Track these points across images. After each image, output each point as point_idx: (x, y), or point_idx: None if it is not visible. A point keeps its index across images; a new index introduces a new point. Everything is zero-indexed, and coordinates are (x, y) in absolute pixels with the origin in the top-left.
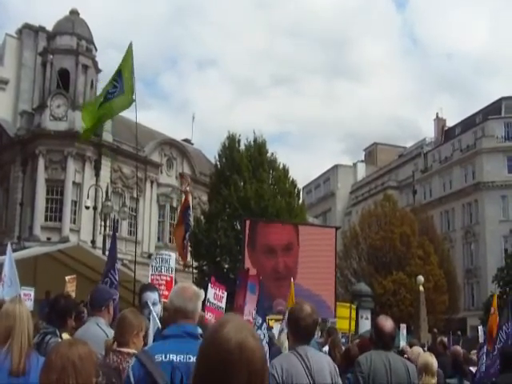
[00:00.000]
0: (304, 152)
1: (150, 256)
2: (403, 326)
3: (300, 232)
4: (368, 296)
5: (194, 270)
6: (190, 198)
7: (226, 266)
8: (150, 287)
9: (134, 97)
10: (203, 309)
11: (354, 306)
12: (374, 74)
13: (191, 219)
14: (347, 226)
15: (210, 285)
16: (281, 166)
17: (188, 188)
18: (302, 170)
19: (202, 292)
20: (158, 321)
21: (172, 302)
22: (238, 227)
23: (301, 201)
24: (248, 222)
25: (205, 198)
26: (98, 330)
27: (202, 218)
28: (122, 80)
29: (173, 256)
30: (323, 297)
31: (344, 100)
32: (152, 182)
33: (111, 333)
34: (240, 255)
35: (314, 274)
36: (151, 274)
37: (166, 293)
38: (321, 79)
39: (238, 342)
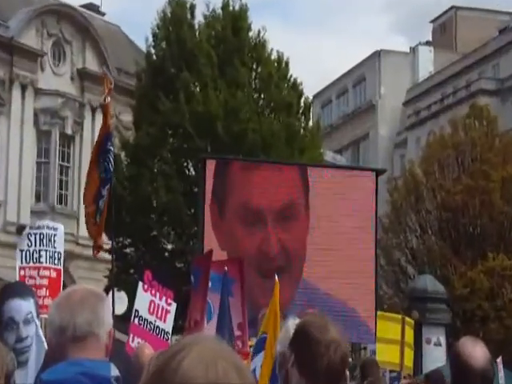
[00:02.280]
0: (317, 31)
1: (19, 230)
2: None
3: (311, 181)
4: (440, 300)
5: (110, 256)
6: (111, 120)
7: (170, 246)
8: (19, 291)
9: None
10: (126, 329)
11: (410, 320)
12: None
13: (111, 159)
14: (398, 167)
15: (140, 286)
16: (274, 56)
17: (108, 98)
18: (314, 65)
19: (107, 298)
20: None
21: (52, 319)
22: (192, 173)
23: (312, 121)
24: (212, 164)
25: (128, 117)
26: None
27: (122, 155)
28: None
29: (60, 230)
30: (353, 304)
31: None
32: (25, 88)
33: None
34: (196, 227)
35: (336, 262)
36: (20, 266)
37: (47, 302)
38: None
39: None
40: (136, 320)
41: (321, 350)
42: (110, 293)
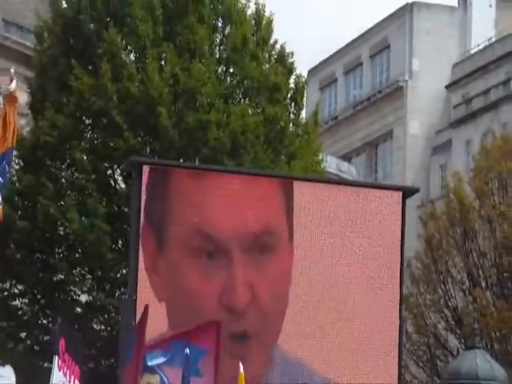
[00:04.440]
0: None
1: None
2: None
3: (299, 202)
4: None
5: None
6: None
7: (84, 298)
8: None
9: None
10: None
11: None
12: None
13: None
14: (437, 184)
15: (56, 362)
16: (250, 10)
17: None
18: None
19: None
20: None
21: None
22: (121, 185)
23: (306, 112)
24: (146, 171)
25: (21, 97)
26: None
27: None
28: None
29: None
30: None
31: None
32: None
33: None
34: (124, 268)
35: (334, 324)
36: None
37: None
38: None
39: None
40: None
41: None
42: None
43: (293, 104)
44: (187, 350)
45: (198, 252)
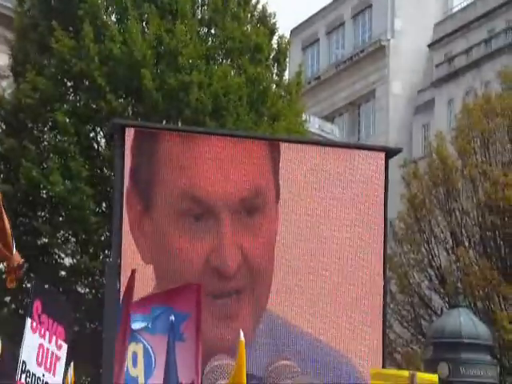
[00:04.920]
0: None
1: None
2: None
3: (286, 164)
4: (481, 348)
5: None
6: None
7: (68, 261)
8: None
9: None
10: None
11: (431, 378)
12: None
13: None
14: (419, 143)
15: (28, 324)
16: None
17: None
18: None
19: None
20: None
21: None
22: (103, 147)
23: (289, 72)
24: (131, 134)
25: (2, 59)
26: None
27: None
28: None
29: None
30: (346, 353)
31: None
32: None
33: None
34: (108, 231)
35: (318, 284)
36: None
37: None
38: None
39: None
40: (23, 377)
41: None
42: None
43: (275, 65)
44: (172, 318)
45: (186, 214)
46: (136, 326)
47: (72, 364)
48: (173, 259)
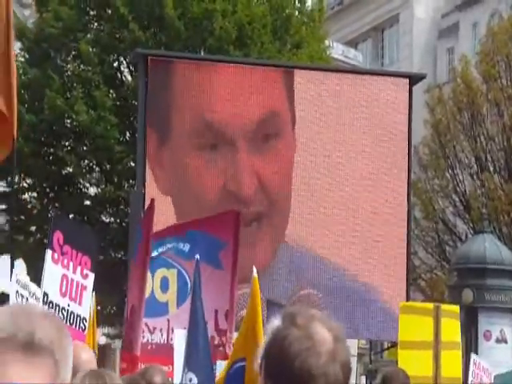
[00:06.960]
0: None
1: None
2: None
3: (303, 90)
4: (506, 273)
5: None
6: None
7: (93, 191)
8: None
9: None
10: None
11: (452, 308)
12: None
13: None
14: (444, 68)
15: (49, 255)
16: None
17: None
18: None
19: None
20: None
21: None
22: (127, 77)
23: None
24: (149, 62)
25: None
26: None
27: (17, 48)
28: None
29: None
30: (370, 281)
31: None
32: None
33: None
34: (132, 161)
35: (339, 211)
36: None
37: None
38: None
39: None
40: (45, 308)
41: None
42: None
43: None
44: (211, 245)
45: (203, 144)
46: (166, 247)
47: (94, 294)
48: (190, 189)
